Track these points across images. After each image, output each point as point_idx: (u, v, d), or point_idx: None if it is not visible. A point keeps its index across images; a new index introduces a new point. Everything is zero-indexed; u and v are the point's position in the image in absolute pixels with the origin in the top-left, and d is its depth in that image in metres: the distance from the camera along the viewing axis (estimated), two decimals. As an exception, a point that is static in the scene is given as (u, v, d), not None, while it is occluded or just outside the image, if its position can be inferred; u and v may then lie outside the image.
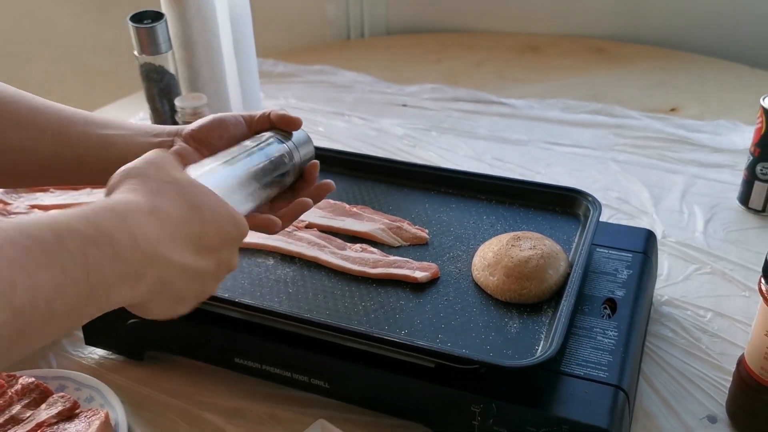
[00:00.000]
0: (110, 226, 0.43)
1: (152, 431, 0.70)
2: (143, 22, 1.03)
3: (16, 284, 0.37)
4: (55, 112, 0.64)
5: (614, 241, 0.78)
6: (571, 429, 0.59)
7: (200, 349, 0.73)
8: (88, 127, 0.64)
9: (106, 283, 0.42)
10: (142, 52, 1.05)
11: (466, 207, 0.83)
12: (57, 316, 0.39)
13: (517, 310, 0.69)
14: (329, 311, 0.69)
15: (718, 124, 1.18)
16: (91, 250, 0.41)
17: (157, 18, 1.04)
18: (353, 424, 0.68)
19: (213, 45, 1.10)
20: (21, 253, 0.38)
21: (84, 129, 0.64)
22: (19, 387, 0.72)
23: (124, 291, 0.44)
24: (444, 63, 1.49)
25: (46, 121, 0.62)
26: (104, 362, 0.78)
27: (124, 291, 0.44)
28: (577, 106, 1.25)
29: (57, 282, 0.39)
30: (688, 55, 1.42)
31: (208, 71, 1.11)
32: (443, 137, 1.20)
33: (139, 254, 0.44)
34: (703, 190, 1.03)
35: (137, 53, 1.06)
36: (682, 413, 0.69)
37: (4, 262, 0.37)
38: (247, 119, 0.67)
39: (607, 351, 0.65)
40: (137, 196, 0.47)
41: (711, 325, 0.79)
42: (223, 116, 0.66)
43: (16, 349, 0.38)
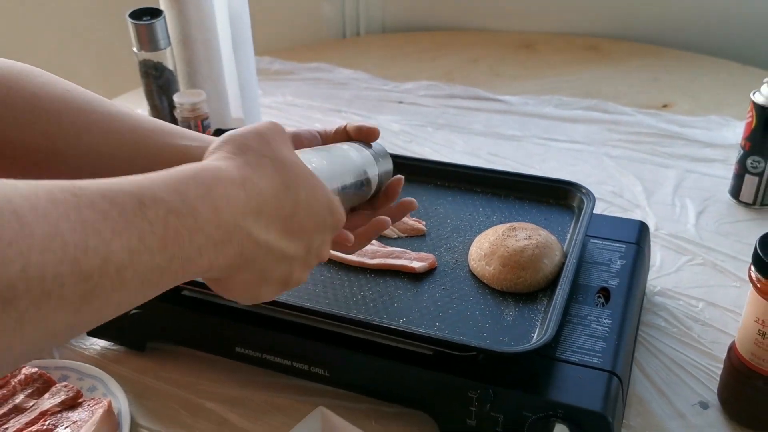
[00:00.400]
0: (195, 196, 0.41)
1: (154, 420, 0.71)
2: (142, 19, 1.04)
3: (87, 248, 0.35)
4: (133, 120, 0.62)
5: (608, 232, 0.80)
6: (567, 413, 0.60)
7: (201, 340, 0.74)
8: (167, 137, 0.62)
9: (183, 255, 0.40)
10: (141, 49, 1.06)
11: (463, 199, 0.85)
12: (128, 285, 0.37)
13: (513, 298, 0.70)
14: (329, 301, 0.70)
15: (710, 120, 1.19)
16: (171, 220, 0.39)
17: (155, 15, 1.05)
18: (353, 411, 0.69)
19: (211, 42, 1.11)
20: (99, 217, 0.36)
21: (163, 139, 0.62)
22: (22, 377, 0.73)
23: (202, 262, 0.41)
24: (439, 60, 1.50)
25: (124, 127, 0.61)
26: (106, 353, 0.79)
27: (202, 262, 0.41)
28: (571, 103, 1.27)
29: (132, 250, 0.37)
30: (680, 53, 1.43)
31: (207, 68, 1.12)
32: (439, 133, 1.21)
33: (221, 226, 0.42)
34: (695, 184, 1.04)
35: (136, 50, 1.07)
36: (675, 399, 0.71)
37: (79, 224, 0.35)
38: (323, 134, 0.66)
39: (601, 338, 0.66)
40: (230, 165, 0.45)
41: (703, 315, 0.81)
42: (297, 131, 0.65)
43: (82, 317, 0.36)
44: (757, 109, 0.93)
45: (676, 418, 0.69)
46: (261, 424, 0.69)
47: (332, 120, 1.27)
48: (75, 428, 0.67)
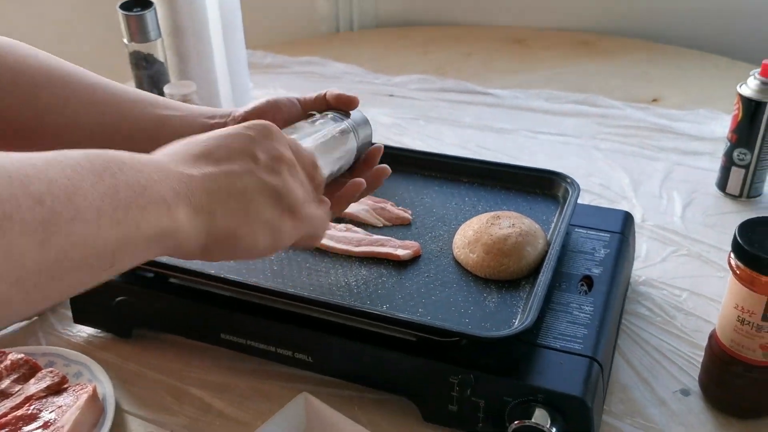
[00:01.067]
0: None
1: (140, 406, 0.71)
2: (133, 10, 1.04)
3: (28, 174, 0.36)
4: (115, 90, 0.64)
5: (593, 222, 0.80)
6: (547, 398, 0.61)
7: (187, 326, 0.74)
8: (148, 107, 0.64)
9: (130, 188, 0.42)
10: (132, 40, 1.07)
11: (449, 189, 0.85)
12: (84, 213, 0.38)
13: (496, 286, 0.70)
14: (313, 287, 0.71)
15: (699, 114, 1.20)
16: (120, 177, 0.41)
17: (146, 6, 1.05)
18: (337, 397, 0.70)
19: (202, 33, 1.11)
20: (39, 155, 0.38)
21: (145, 109, 0.63)
22: (8, 363, 0.73)
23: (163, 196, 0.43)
24: (432, 55, 1.51)
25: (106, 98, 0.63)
26: (93, 340, 0.79)
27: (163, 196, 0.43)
28: (562, 97, 1.27)
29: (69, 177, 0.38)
30: (670, 48, 1.44)
31: (197, 59, 1.12)
32: (430, 126, 1.22)
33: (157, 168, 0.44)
34: (682, 177, 1.05)
35: (126, 41, 1.07)
36: (657, 386, 0.71)
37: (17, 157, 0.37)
38: (302, 101, 0.67)
39: (583, 325, 0.67)
40: None
41: (686, 304, 0.81)
42: (276, 98, 0.65)
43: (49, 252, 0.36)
44: (743, 102, 0.93)
45: (657, 405, 0.69)
46: (245, 410, 0.70)
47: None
48: (60, 413, 0.68)
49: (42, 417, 0.67)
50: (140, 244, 0.42)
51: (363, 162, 0.67)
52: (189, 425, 0.69)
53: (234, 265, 0.74)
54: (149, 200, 0.42)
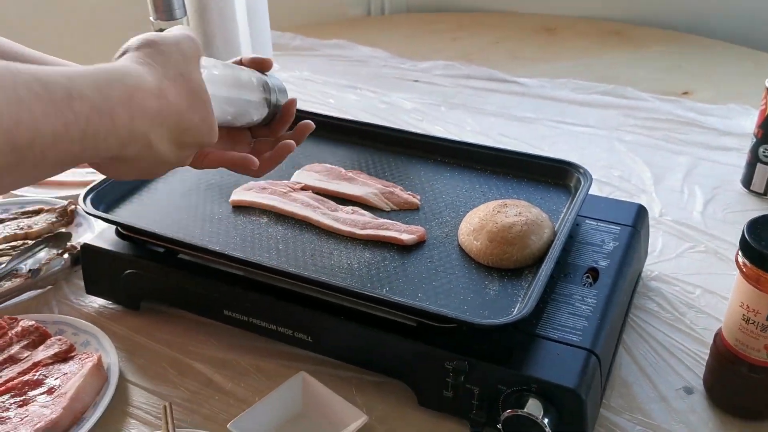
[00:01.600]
0: (117, 101, 0.46)
1: (143, 377, 0.73)
2: (158, -12, 1.05)
3: (21, 123, 0.40)
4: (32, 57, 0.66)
5: (604, 213, 0.79)
6: (541, 388, 0.60)
7: (192, 301, 0.75)
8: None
9: (94, 148, 0.46)
10: (158, 18, 1.08)
11: (461, 176, 0.85)
12: (46, 162, 0.43)
13: (498, 274, 0.70)
14: (315, 267, 0.71)
15: (729, 108, 1.17)
16: (94, 118, 0.44)
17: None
18: (335, 378, 0.70)
19: (227, 12, 1.12)
20: (32, 98, 0.41)
21: None
22: (19, 329, 0.75)
23: (105, 155, 0.48)
24: (460, 41, 1.49)
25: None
26: (103, 311, 0.81)
27: (105, 155, 0.48)
28: (588, 87, 1.25)
29: (56, 135, 0.42)
30: (705, 40, 1.40)
31: (222, 38, 1.13)
32: (452, 112, 1.21)
33: (132, 132, 0.48)
34: (706, 172, 1.02)
35: (153, 18, 1.08)
36: (660, 383, 0.70)
37: (14, 101, 0.40)
38: None
39: (584, 317, 0.66)
40: (151, 76, 0.50)
41: (698, 301, 0.80)
42: None
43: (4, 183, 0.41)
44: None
45: (658, 402, 0.68)
46: (245, 386, 0.71)
47: (347, 96, 1.28)
48: (64, 380, 0.69)
49: (47, 383, 0.69)
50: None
51: (280, 117, 0.70)
52: (189, 398, 0.70)
53: (240, 243, 0.75)
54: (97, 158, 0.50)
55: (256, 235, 0.76)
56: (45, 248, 0.87)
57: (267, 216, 0.79)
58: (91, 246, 0.78)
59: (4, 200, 0.99)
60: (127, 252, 0.77)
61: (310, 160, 0.88)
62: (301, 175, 0.84)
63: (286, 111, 0.70)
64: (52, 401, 0.67)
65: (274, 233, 0.76)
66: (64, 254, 0.86)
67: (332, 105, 1.24)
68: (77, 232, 0.92)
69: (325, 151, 0.91)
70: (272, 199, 0.79)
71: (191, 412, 0.68)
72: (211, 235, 0.76)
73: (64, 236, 0.89)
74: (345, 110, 1.23)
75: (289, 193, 0.81)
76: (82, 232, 0.92)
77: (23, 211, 0.95)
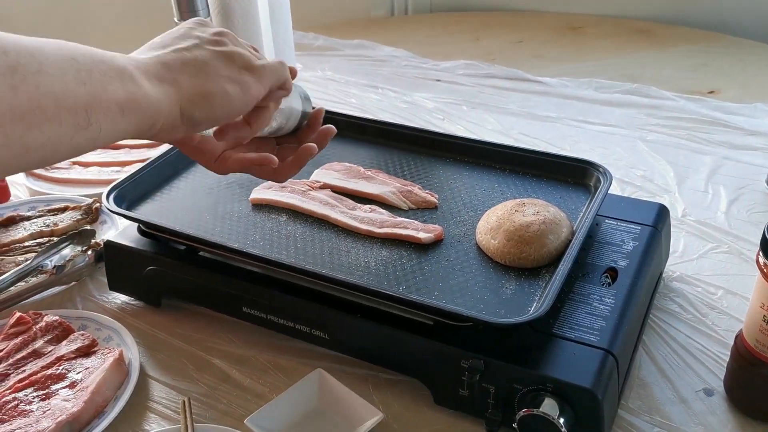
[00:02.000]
0: None
1: (163, 372, 0.74)
2: (182, -11, 1.07)
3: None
4: None
5: (625, 213, 0.78)
6: (556, 388, 0.60)
7: (212, 298, 0.76)
8: None
9: None
10: (182, 18, 1.09)
11: (479, 175, 0.85)
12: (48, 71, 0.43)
13: (516, 273, 0.69)
14: (333, 265, 0.71)
15: (756, 108, 1.15)
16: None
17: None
18: (351, 376, 0.70)
19: (250, 12, 1.13)
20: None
21: None
22: (43, 324, 0.76)
23: None
24: (483, 41, 1.49)
25: None
26: (125, 307, 0.82)
27: None
28: (611, 86, 1.24)
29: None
30: (732, 39, 1.38)
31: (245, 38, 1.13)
32: (473, 112, 1.21)
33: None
34: (731, 172, 1.01)
35: (177, 19, 1.10)
36: (679, 385, 0.69)
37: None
38: None
39: (602, 317, 0.65)
40: None
41: (720, 302, 0.79)
42: None
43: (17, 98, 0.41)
44: (797, 95, 0.89)
45: (677, 404, 0.67)
46: (262, 382, 0.71)
47: (369, 96, 1.28)
48: (86, 374, 0.70)
49: (69, 377, 0.71)
50: (113, 108, 0.46)
51: (308, 125, 0.69)
52: (207, 393, 0.70)
53: (259, 241, 0.75)
54: (110, 67, 0.46)
55: (275, 233, 0.77)
56: (70, 245, 0.88)
57: (286, 214, 0.79)
58: (114, 243, 0.79)
59: (31, 198, 1.01)
60: (148, 249, 0.78)
61: (330, 158, 0.88)
62: (321, 174, 0.85)
63: (315, 120, 0.69)
64: (74, 395, 0.68)
65: (292, 231, 0.77)
66: (88, 251, 0.87)
67: (354, 104, 1.25)
68: (101, 229, 0.94)
69: (344, 150, 0.91)
70: (291, 198, 0.80)
71: (209, 407, 0.69)
72: (231, 233, 0.76)
73: (88, 233, 0.90)
74: (366, 110, 1.23)
75: (308, 192, 0.81)
76: (106, 230, 0.94)
77: (49, 209, 0.97)
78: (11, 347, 0.74)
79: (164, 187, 0.85)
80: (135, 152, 1.12)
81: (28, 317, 0.77)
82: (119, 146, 1.13)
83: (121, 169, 1.08)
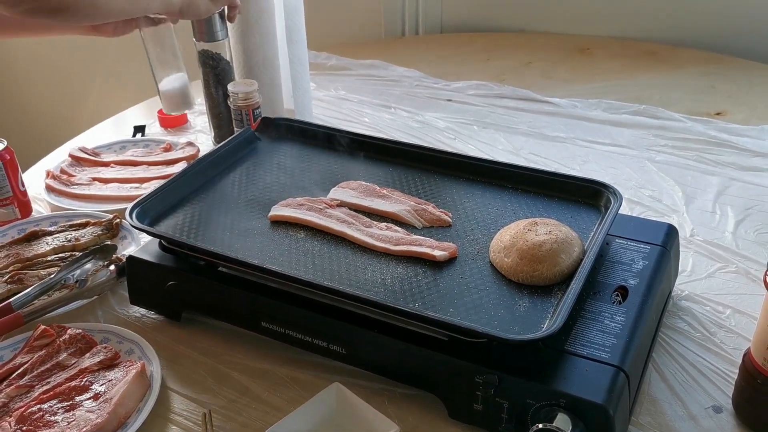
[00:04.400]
0: None
1: (183, 384, 0.76)
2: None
3: None
4: None
5: (634, 233, 0.80)
6: (569, 403, 0.61)
7: (231, 313, 0.78)
8: None
9: None
10: (200, 39, 1.12)
11: (492, 194, 0.87)
12: None
13: (529, 291, 0.71)
14: (350, 281, 0.73)
15: (763, 130, 1.17)
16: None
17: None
18: (367, 390, 0.72)
19: (268, 32, 1.16)
20: None
21: None
22: (66, 337, 0.79)
23: None
24: (493, 62, 1.52)
25: None
26: (146, 320, 0.84)
27: None
28: (620, 107, 1.26)
29: None
30: (740, 61, 1.41)
31: (262, 56, 1.16)
32: (484, 131, 1.23)
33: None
34: (738, 192, 1.03)
35: (195, 40, 1.12)
36: (689, 402, 0.71)
37: None
38: None
39: (613, 334, 0.67)
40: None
41: (728, 321, 0.80)
42: None
43: None
44: (803, 118, 0.91)
45: (686, 420, 0.69)
46: (280, 396, 0.73)
47: (381, 115, 1.31)
48: (109, 386, 0.72)
49: (93, 389, 0.73)
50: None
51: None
52: (227, 406, 0.72)
53: (278, 257, 0.77)
54: None
55: (293, 249, 0.79)
56: (92, 260, 0.90)
57: (304, 231, 0.82)
58: (136, 258, 0.81)
59: (53, 213, 1.04)
60: (169, 264, 0.80)
61: (346, 177, 0.91)
62: (338, 192, 0.87)
63: None
64: (98, 406, 0.70)
65: (310, 248, 0.79)
66: (110, 266, 0.89)
67: (367, 123, 1.27)
68: (122, 244, 0.96)
69: (360, 169, 0.93)
70: (309, 215, 0.82)
71: (228, 419, 0.71)
72: (250, 250, 0.79)
73: (110, 248, 0.92)
74: (379, 129, 1.25)
75: (325, 209, 0.83)
76: (126, 245, 0.96)
77: (71, 224, 0.99)
78: (36, 359, 0.76)
79: (185, 204, 0.87)
80: (153, 169, 1.14)
81: (52, 330, 0.79)
82: (137, 163, 1.16)
83: (139, 185, 1.10)
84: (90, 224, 0.99)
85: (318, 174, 0.93)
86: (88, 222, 0.99)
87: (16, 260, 0.92)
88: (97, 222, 0.99)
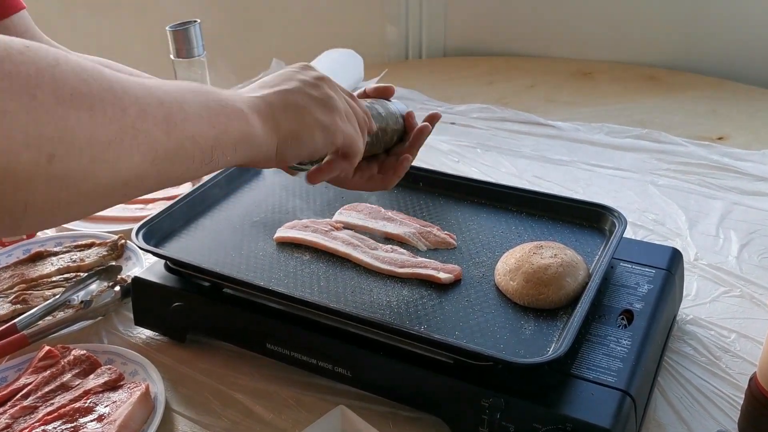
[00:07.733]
0: None
1: (187, 406, 0.75)
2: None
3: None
4: None
5: (639, 257, 0.80)
6: (575, 427, 0.61)
7: (236, 334, 0.78)
8: None
9: None
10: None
11: (497, 217, 0.87)
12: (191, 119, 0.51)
13: (534, 314, 0.71)
14: (355, 304, 0.73)
15: (765, 154, 1.18)
16: None
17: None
18: (372, 412, 0.72)
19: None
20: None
21: None
22: (71, 358, 0.78)
23: None
24: (496, 85, 1.53)
25: None
26: (150, 342, 0.84)
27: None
28: (622, 131, 1.27)
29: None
30: (741, 86, 1.42)
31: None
32: (487, 154, 1.24)
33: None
34: (741, 217, 1.03)
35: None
36: (695, 427, 0.71)
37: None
38: None
39: (619, 358, 0.67)
40: None
41: (733, 346, 0.80)
42: None
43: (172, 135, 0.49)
44: (805, 143, 0.91)
45: (693, 445, 0.69)
46: (285, 418, 0.73)
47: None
48: (114, 407, 0.72)
49: (97, 410, 0.72)
50: (229, 146, 0.55)
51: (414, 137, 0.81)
52: (231, 428, 0.72)
53: (283, 278, 0.77)
54: (231, 110, 0.56)
55: (298, 271, 0.79)
56: (96, 280, 0.91)
57: (309, 253, 0.82)
58: (142, 279, 0.81)
59: (58, 233, 1.04)
60: (174, 285, 0.80)
61: (351, 200, 0.91)
62: (343, 214, 0.87)
63: (408, 123, 0.81)
64: (102, 428, 0.70)
65: (315, 270, 0.79)
66: (115, 286, 0.89)
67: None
68: (126, 265, 0.96)
69: (365, 192, 0.93)
70: (314, 237, 0.82)
71: (233, 442, 0.70)
72: (256, 271, 0.79)
73: (114, 269, 0.93)
74: (383, 151, 1.26)
75: (330, 232, 0.84)
76: (131, 266, 0.96)
77: (75, 245, 0.99)
78: (40, 380, 0.76)
79: (190, 225, 0.87)
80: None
81: (56, 351, 0.79)
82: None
83: (144, 206, 1.10)
84: (95, 245, 0.99)
85: (323, 196, 0.93)
86: (92, 243, 0.99)
87: (21, 281, 0.92)
88: (102, 243, 0.99)
